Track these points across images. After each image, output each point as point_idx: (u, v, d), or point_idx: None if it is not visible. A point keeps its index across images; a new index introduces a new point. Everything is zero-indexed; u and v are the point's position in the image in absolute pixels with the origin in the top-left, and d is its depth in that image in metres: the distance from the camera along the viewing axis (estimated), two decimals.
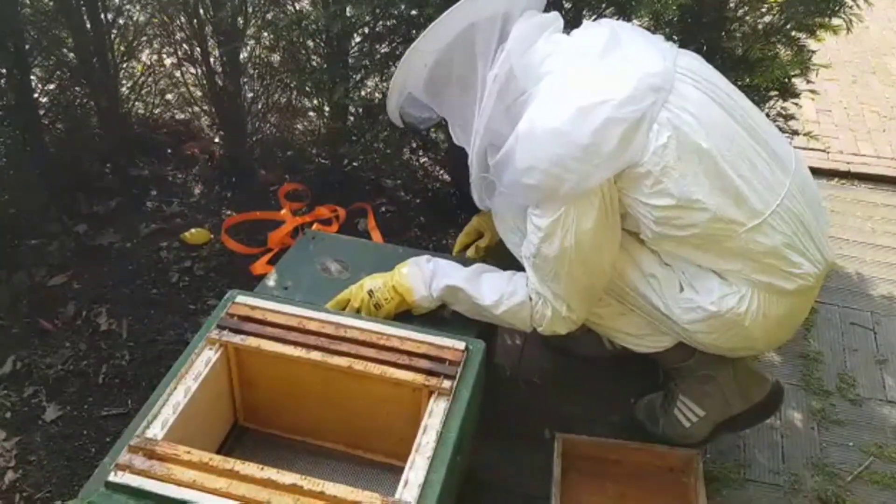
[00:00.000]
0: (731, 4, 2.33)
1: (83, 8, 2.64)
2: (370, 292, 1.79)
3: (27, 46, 2.54)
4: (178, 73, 2.94)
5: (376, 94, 2.62)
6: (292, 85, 2.76)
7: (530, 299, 1.73)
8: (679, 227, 1.60)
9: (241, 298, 1.71)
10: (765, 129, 1.71)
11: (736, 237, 1.60)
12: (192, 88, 2.95)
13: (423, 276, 1.80)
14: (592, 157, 1.54)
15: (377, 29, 2.49)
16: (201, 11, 2.65)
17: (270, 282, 1.93)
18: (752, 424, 1.97)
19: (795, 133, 2.55)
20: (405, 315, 1.81)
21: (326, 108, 2.74)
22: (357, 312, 1.79)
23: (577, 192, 1.58)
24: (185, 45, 2.79)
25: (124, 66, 2.89)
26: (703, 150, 1.57)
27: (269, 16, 2.65)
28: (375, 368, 1.56)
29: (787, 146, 1.76)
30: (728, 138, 1.61)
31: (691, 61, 1.71)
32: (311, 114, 2.88)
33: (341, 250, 2.04)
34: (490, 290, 1.76)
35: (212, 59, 2.75)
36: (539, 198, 1.62)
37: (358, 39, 2.55)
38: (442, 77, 1.73)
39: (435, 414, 1.49)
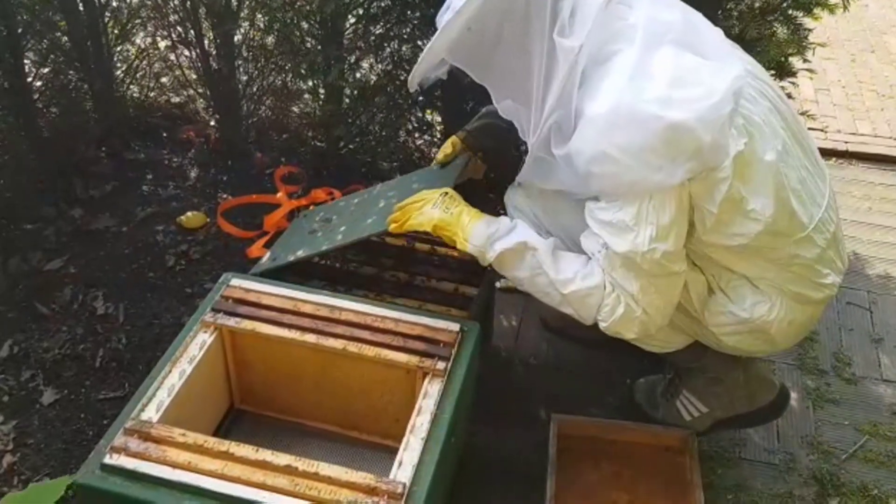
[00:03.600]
0: None
1: None
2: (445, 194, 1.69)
3: (20, 30, 2.52)
4: (172, 56, 2.93)
5: (371, 76, 2.61)
6: (287, 67, 2.74)
7: (604, 287, 1.57)
8: (727, 235, 1.54)
9: (235, 281, 1.71)
10: (806, 135, 1.67)
11: (780, 250, 1.58)
12: (186, 71, 2.94)
13: (489, 230, 1.63)
14: (676, 154, 1.44)
15: (371, 10, 2.47)
16: None
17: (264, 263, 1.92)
18: (754, 426, 1.98)
19: None
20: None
21: (321, 91, 2.73)
22: (422, 204, 1.68)
23: (653, 188, 1.47)
24: (178, 28, 2.77)
25: (118, 49, 2.88)
26: (768, 160, 1.52)
27: None
28: (370, 350, 1.57)
29: (818, 151, 1.71)
30: (785, 149, 1.56)
31: (748, 58, 1.66)
32: (306, 96, 2.87)
33: (330, 210, 2.04)
34: (566, 264, 1.60)
35: (206, 42, 2.74)
36: (608, 188, 1.50)
37: (352, 21, 2.53)
38: (489, 42, 1.53)
39: (429, 395, 1.49)
